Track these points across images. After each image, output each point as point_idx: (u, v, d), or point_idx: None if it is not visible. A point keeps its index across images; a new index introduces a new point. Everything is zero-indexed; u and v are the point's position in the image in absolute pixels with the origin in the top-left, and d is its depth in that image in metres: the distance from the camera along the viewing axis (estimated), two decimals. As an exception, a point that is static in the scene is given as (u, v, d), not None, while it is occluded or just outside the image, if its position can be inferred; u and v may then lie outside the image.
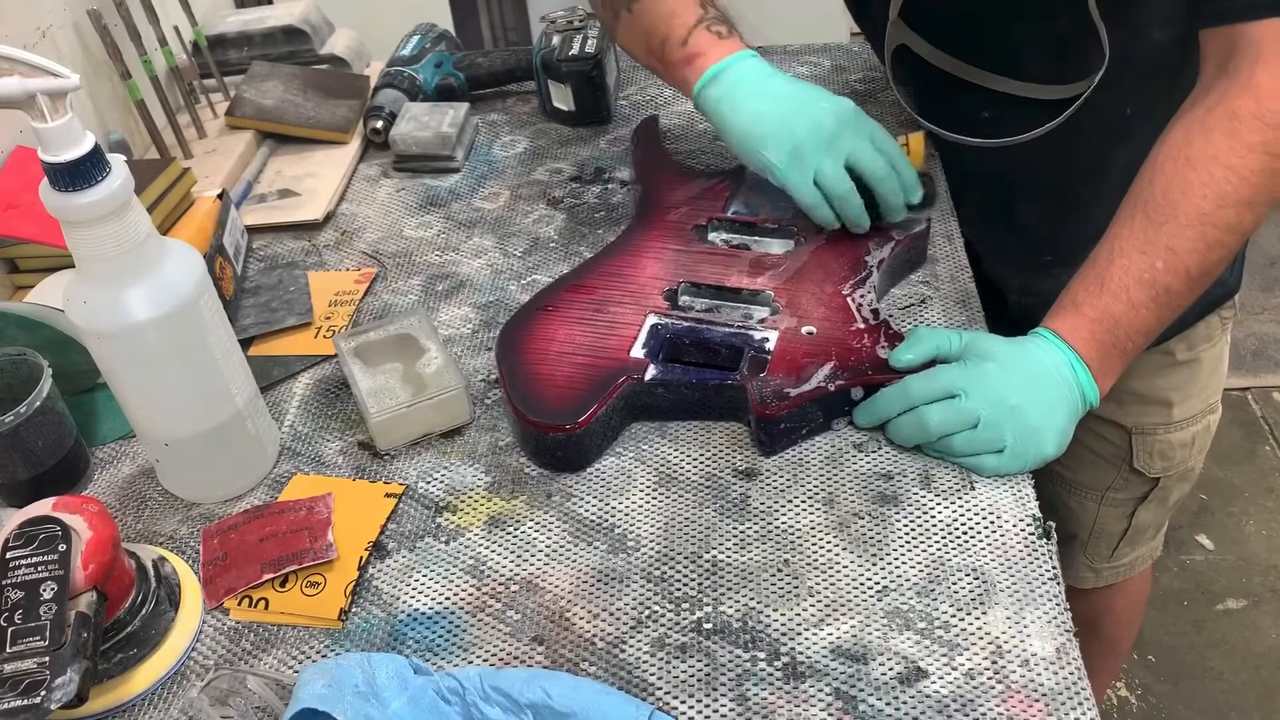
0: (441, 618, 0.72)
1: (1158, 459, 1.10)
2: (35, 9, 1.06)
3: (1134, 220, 0.75)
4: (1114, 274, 0.75)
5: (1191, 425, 1.09)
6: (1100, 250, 0.77)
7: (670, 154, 1.07)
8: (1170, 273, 0.74)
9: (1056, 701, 0.63)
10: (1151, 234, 0.74)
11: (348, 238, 1.08)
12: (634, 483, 0.79)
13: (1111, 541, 1.18)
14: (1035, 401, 0.74)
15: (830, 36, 1.31)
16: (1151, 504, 1.14)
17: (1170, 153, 0.75)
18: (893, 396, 0.77)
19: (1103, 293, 0.75)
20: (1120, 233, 0.76)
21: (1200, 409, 1.09)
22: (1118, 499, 1.14)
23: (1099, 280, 0.75)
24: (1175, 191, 0.74)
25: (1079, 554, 1.20)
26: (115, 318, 0.70)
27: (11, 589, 0.63)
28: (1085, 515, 1.17)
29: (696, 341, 0.84)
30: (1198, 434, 1.10)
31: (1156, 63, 0.86)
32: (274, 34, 1.26)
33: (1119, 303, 0.75)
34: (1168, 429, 1.08)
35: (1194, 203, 0.73)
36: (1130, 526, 1.16)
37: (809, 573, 0.72)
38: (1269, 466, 2.04)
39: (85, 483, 0.84)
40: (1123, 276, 0.74)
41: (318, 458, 0.84)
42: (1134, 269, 0.74)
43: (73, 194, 0.65)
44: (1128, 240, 0.75)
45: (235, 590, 0.74)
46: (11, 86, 0.63)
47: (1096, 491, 1.15)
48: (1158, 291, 0.74)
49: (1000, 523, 0.73)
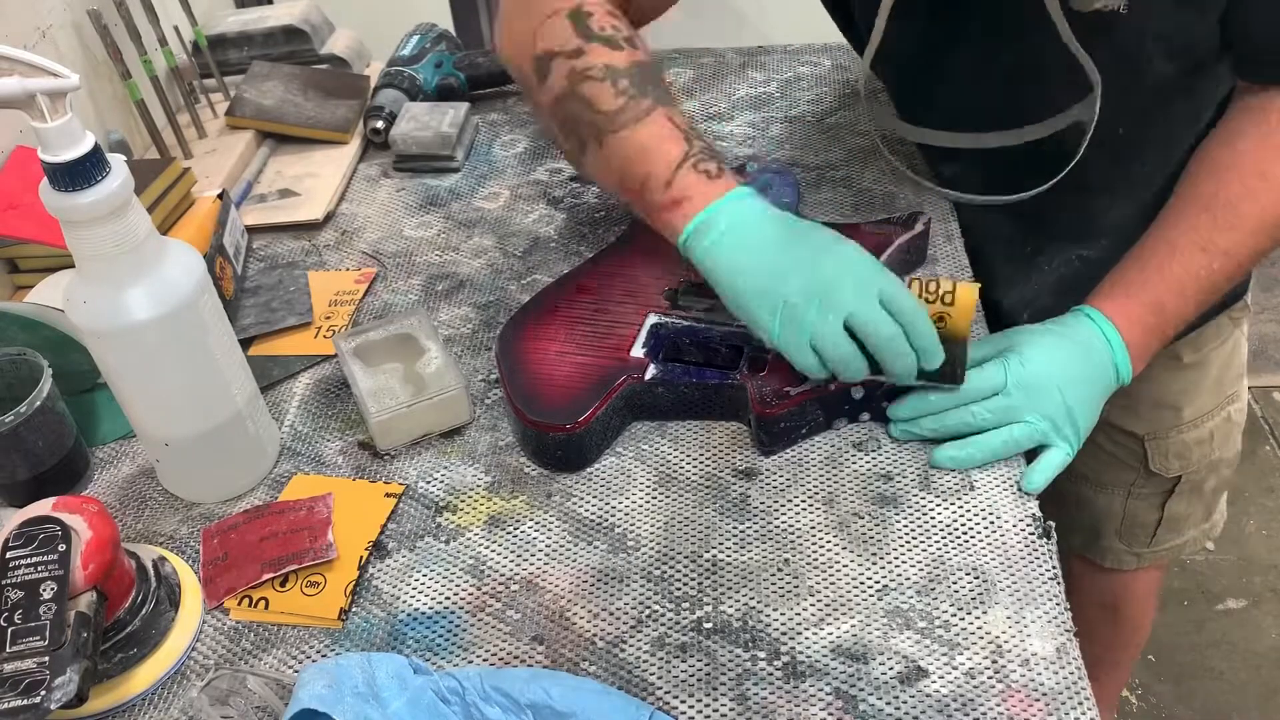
0: (441, 617, 0.72)
1: (1174, 459, 1.10)
2: (35, 9, 1.06)
3: (1199, 219, 0.78)
4: (1173, 268, 0.78)
5: (1206, 422, 1.09)
6: (1158, 242, 0.80)
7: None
8: (1222, 273, 0.79)
9: (1057, 701, 0.63)
10: (1215, 235, 0.78)
11: (348, 238, 1.08)
12: (634, 482, 0.79)
13: (1148, 529, 1.17)
14: (1076, 386, 0.77)
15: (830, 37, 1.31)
16: (1183, 496, 1.13)
17: (1245, 165, 0.78)
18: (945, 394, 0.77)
19: (1160, 282, 0.78)
20: (1182, 228, 0.79)
21: (1213, 405, 1.09)
22: (1143, 494, 1.14)
23: (1157, 270, 0.78)
24: (1247, 203, 0.77)
25: (1115, 541, 1.19)
26: (115, 318, 0.70)
27: (11, 589, 0.63)
28: (1114, 508, 1.16)
29: (696, 341, 0.84)
30: (1215, 428, 1.10)
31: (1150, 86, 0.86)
32: (274, 34, 1.26)
33: (1172, 293, 0.78)
34: (1179, 430, 1.08)
35: (1261, 216, 0.78)
36: (1163, 516, 1.15)
37: (809, 572, 0.72)
38: (1269, 466, 2.04)
39: (85, 483, 0.84)
40: (1181, 271, 0.78)
41: (318, 458, 0.84)
42: (1192, 265, 0.78)
43: (73, 194, 0.65)
44: (1189, 237, 0.78)
45: (235, 590, 0.74)
46: (11, 86, 0.64)
47: (1122, 488, 1.14)
48: (1206, 288, 0.79)
49: (1000, 523, 0.73)
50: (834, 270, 0.72)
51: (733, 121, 1.16)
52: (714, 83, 1.24)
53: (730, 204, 0.74)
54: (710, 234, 0.74)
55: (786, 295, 0.72)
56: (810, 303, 0.71)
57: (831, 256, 0.73)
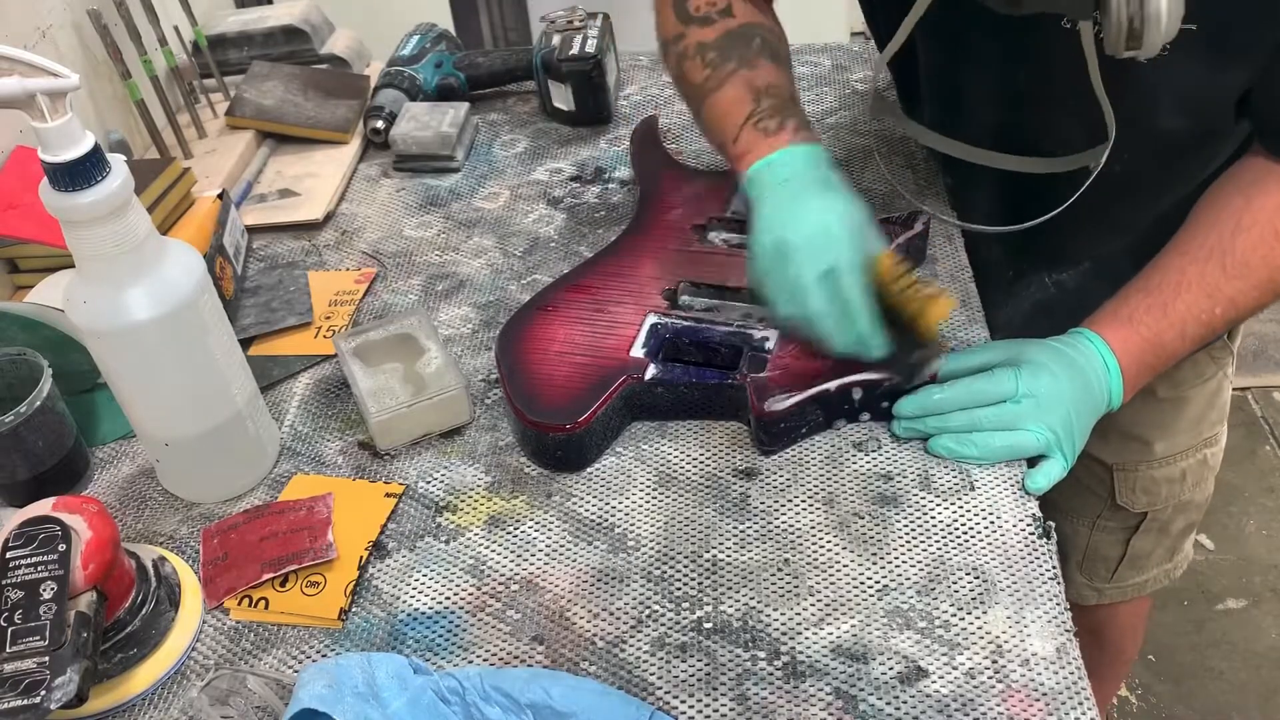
0: (441, 617, 0.72)
1: (1141, 494, 1.09)
2: (35, 9, 1.06)
3: (1208, 264, 0.79)
4: (1179, 306, 0.79)
5: (1180, 461, 1.08)
6: (1166, 278, 0.80)
7: (670, 153, 1.07)
8: (1223, 320, 0.80)
9: (1057, 701, 0.63)
10: (1222, 283, 0.79)
11: (348, 238, 1.08)
12: (634, 482, 0.79)
13: (1109, 565, 1.16)
14: (1075, 404, 0.78)
15: (830, 36, 1.31)
16: (1148, 534, 1.13)
17: (1261, 218, 0.79)
18: (953, 394, 0.77)
19: (1163, 318, 0.79)
20: (1190, 270, 0.80)
21: (1188, 444, 1.07)
22: (1109, 527, 1.13)
23: (1162, 307, 0.79)
24: (1257, 257, 0.78)
25: (1076, 573, 1.18)
26: (115, 318, 0.70)
27: (11, 589, 0.63)
28: (1079, 539, 1.15)
29: (696, 341, 0.84)
30: (1189, 469, 1.09)
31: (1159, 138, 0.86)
32: (274, 34, 1.26)
33: (1173, 331, 0.79)
34: (1149, 465, 1.07)
35: (1269, 272, 0.79)
36: (1127, 553, 1.15)
37: (809, 572, 0.72)
38: (1269, 466, 2.04)
39: (85, 483, 0.84)
40: (1185, 311, 0.79)
41: (318, 458, 0.84)
42: (1195, 307, 0.79)
43: (73, 194, 0.65)
44: (1197, 279, 0.79)
45: (235, 590, 0.74)
46: (11, 86, 0.64)
47: (1087, 518, 1.14)
48: (1205, 332, 0.80)
49: (1000, 523, 0.73)
50: (799, 233, 0.76)
51: (733, 121, 1.16)
52: (714, 83, 1.24)
53: (777, 159, 0.80)
54: (756, 185, 0.81)
55: (770, 249, 0.77)
56: (780, 261, 0.77)
57: (811, 221, 0.77)
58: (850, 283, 0.75)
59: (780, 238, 0.76)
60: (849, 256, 0.75)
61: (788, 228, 0.76)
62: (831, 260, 0.75)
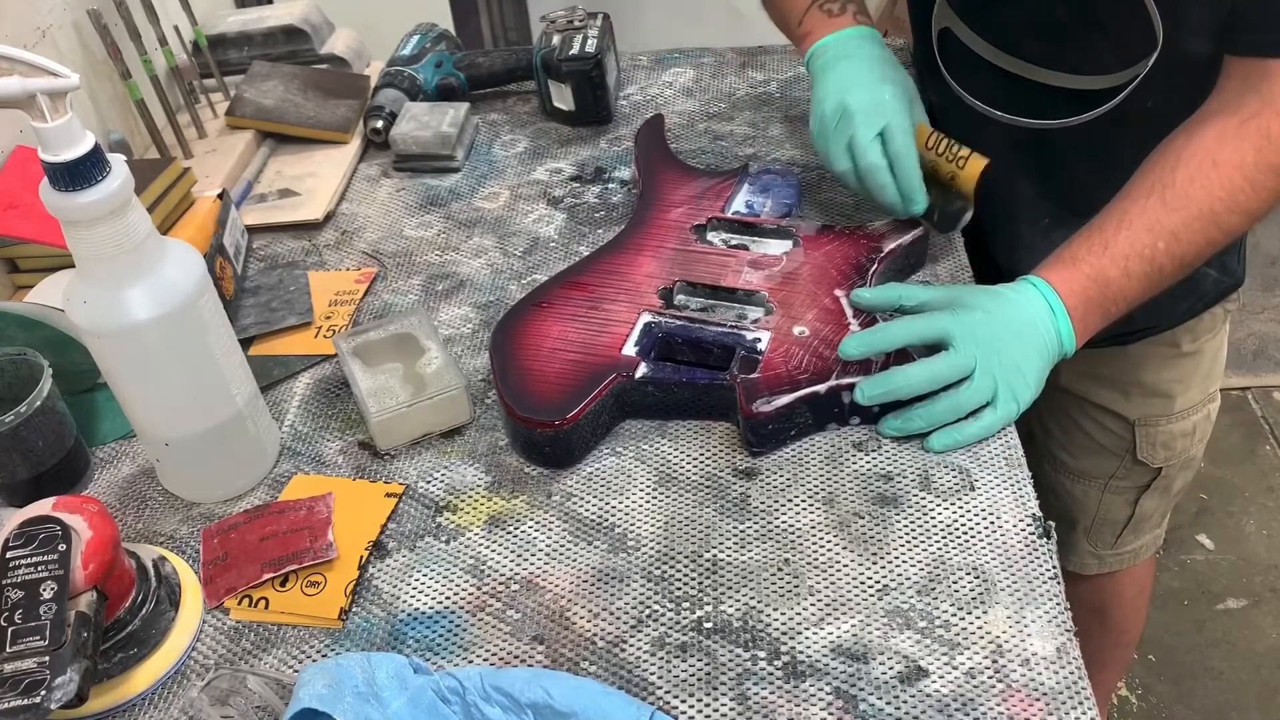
0: (442, 617, 0.72)
1: (1160, 449, 1.11)
2: (35, 9, 1.06)
3: (1149, 200, 0.80)
4: (1119, 242, 0.80)
5: (1192, 414, 1.10)
6: (1108, 218, 0.81)
7: (673, 153, 1.07)
8: (1167, 255, 0.80)
9: (1057, 701, 0.63)
10: (1163, 217, 0.79)
11: (348, 237, 1.08)
12: (634, 482, 0.79)
13: (1115, 529, 1.19)
14: (1019, 345, 0.79)
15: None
16: (1155, 492, 1.15)
17: (1199, 149, 0.79)
18: (888, 333, 0.79)
19: (1104, 255, 0.80)
20: (1131, 207, 0.80)
21: (1200, 398, 1.10)
22: (1121, 487, 1.15)
23: (1103, 244, 0.80)
24: (1196, 186, 0.79)
25: (1082, 540, 1.21)
26: (115, 318, 0.70)
27: (11, 589, 0.63)
28: (1089, 503, 1.17)
29: (689, 340, 0.84)
30: (1198, 423, 1.11)
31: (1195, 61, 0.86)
32: (274, 34, 1.26)
33: (1116, 268, 0.80)
34: (1170, 419, 1.09)
35: (1209, 202, 0.79)
36: (1134, 514, 1.17)
37: (809, 572, 0.72)
38: (1269, 466, 2.04)
39: (85, 483, 0.84)
40: (1126, 247, 0.80)
41: (318, 457, 0.84)
42: (1138, 243, 0.79)
43: (73, 194, 0.65)
44: (1139, 216, 0.80)
45: (235, 590, 0.74)
46: (11, 86, 0.64)
47: (1099, 480, 1.16)
48: (1151, 269, 0.80)
49: (1000, 522, 0.73)
50: (858, 99, 0.89)
51: (733, 121, 1.16)
52: (714, 83, 1.24)
53: (838, 38, 0.94)
54: (819, 60, 0.94)
55: (831, 113, 0.90)
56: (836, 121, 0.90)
57: (869, 90, 0.90)
58: (903, 141, 0.87)
59: (841, 102, 0.89)
60: (900, 121, 0.88)
61: (849, 94, 0.89)
62: (886, 122, 0.87)
